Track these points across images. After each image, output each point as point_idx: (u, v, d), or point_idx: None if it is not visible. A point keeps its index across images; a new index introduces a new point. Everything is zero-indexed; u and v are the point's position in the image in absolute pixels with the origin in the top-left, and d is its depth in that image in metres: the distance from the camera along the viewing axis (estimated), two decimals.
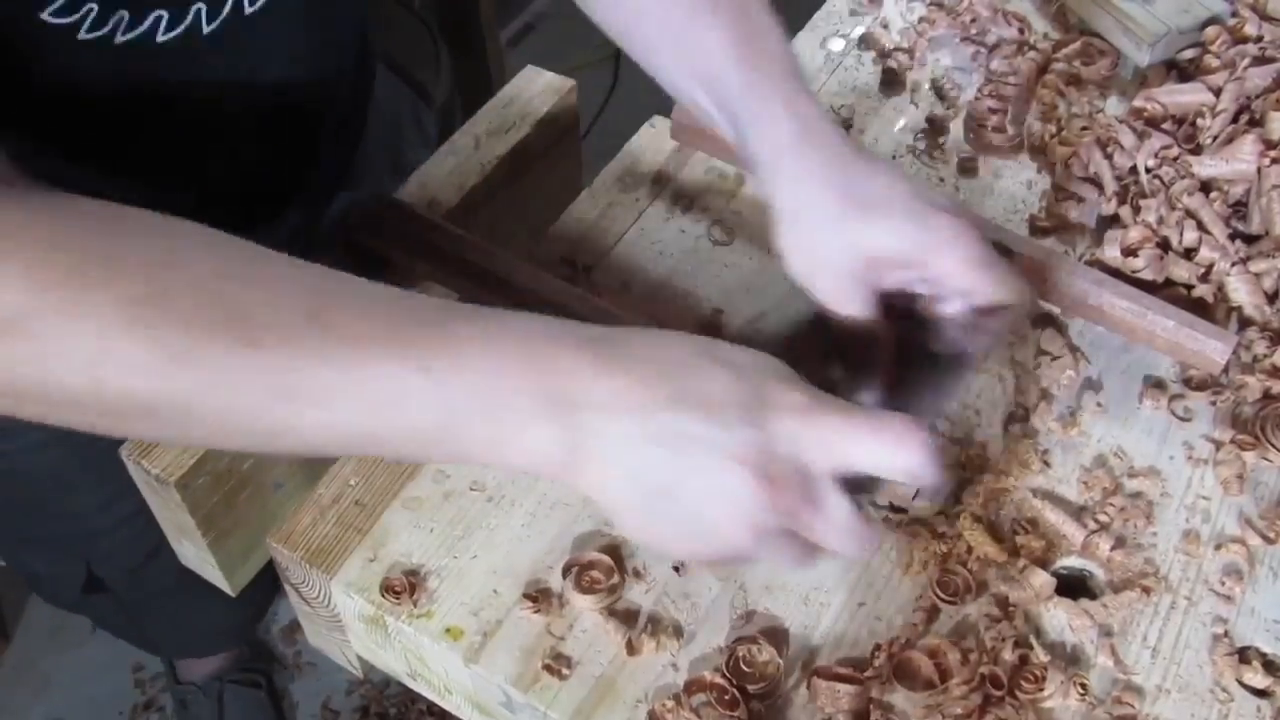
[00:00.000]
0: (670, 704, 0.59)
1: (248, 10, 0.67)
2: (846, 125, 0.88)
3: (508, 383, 0.50)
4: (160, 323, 0.47)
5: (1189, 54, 0.89)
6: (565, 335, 0.52)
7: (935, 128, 0.87)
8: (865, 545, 0.53)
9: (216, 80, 0.70)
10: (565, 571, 0.63)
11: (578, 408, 0.50)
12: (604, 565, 0.63)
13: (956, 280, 0.59)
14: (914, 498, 0.65)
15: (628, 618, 0.62)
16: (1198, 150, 0.81)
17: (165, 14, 0.63)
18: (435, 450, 0.53)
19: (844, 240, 0.60)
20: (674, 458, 0.50)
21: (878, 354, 0.62)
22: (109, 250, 0.48)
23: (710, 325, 0.75)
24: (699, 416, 0.50)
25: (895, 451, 0.51)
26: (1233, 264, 0.75)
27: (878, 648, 0.61)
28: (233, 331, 0.47)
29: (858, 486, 0.53)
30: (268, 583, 0.77)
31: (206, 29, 0.65)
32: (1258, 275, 0.75)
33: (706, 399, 0.50)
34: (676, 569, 0.64)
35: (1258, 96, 0.82)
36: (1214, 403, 0.72)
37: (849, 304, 0.60)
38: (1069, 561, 0.65)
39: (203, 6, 0.64)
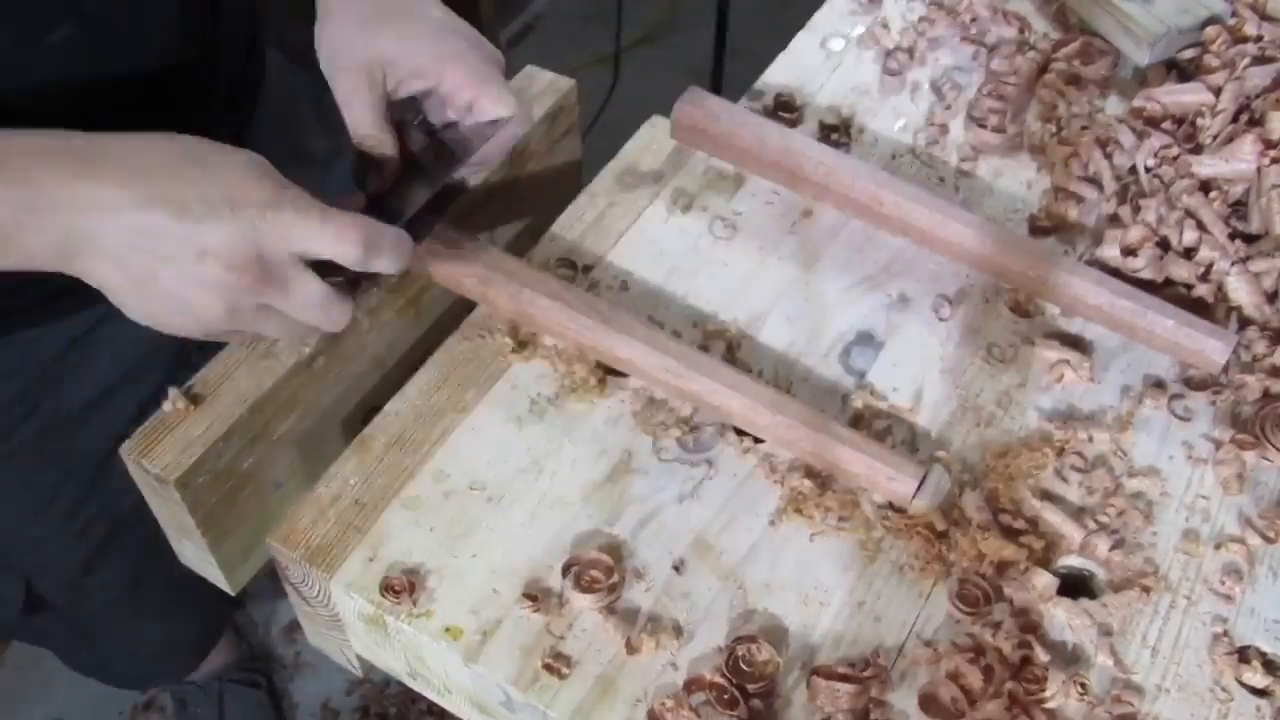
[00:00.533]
0: (670, 703, 0.59)
1: None
2: (846, 125, 0.88)
3: None
4: None
5: (1189, 54, 0.89)
6: (47, 143, 0.59)
7: (935, 128, 0.87)
8: (335, 318, 0.63)
9: (33, 13, 0.68)
10: (565, 570, 0.63)
11: (63, 212, 0.57)
12: (604, 565, 0.63)
13: (461, 92, 0.68)
14: (913, 498, 0.65)
15: (628, 617, 0.62)
16: (1198, 150, 0.81)
17: None
18: None
19: (363, 42, 0.67)
20: (150, 249, 0.58)
21: (383, 162, 0.69)
22: None
23: (710, 327, 0.75)
24: (171, 213, 0.58)
25: (342, 244, 0.60)
26: (1232, 263, 0.75)
27: (875, 655, 0.61)
28: None
29: (334, 272, 0.62)
30: (217, 598, 0.76)
31: None
32: (1257, 275, 0.75)
33: (179, 197, 0.58)
34: (676, 568, 0.64)
35: (1257, 96, 0.82)
36: (1214, 402, 0.72)
37: (359, 103, 0.67)
38: (1069, 561, 0.65)
39: None
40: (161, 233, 0.58)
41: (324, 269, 0.62)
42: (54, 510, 0.97)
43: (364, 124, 0.68)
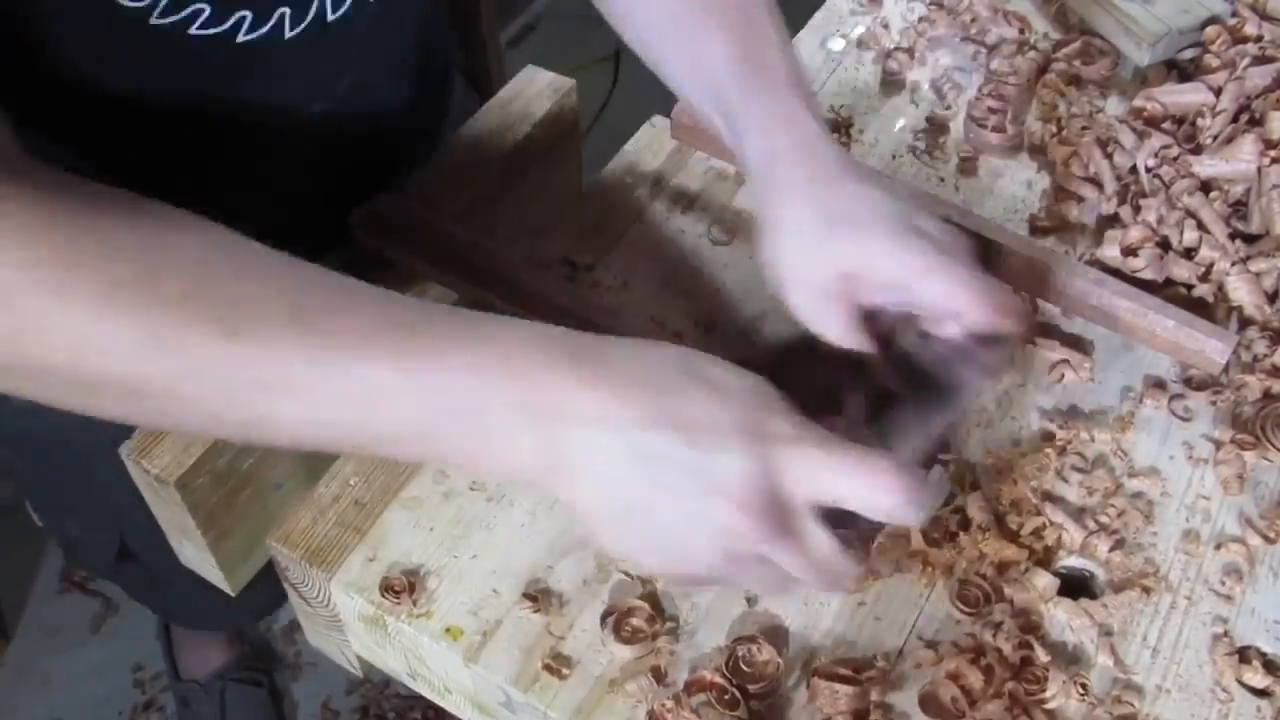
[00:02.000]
0: (670, 704, 0.59)
1: (330, 18, 0.66)
2: (846, 125, 0.88)
3: (487, 390, 0.50)
4: (144, 306, 0.47)
5: (1189, 54, 0.89)
6: (548, 343, 0.51)
7: (935, 128, 0.87)
8: (842, 580, 0.54)
9: (295, 90, 0.70)
10: (604, 620, 0.62)
11: (557, 420, 0.50)
12: (644, 613, 0.62)
13: (943, 303, 0.59)
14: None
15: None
16: (1198, 150, 0.81)
17: (249, 14, 0.63)
18: (411, 451, 0.53)
19: (822, 256, 0.59)
20: (651, 477, 0.50)
21: (861, 379, 0.61)
22: (101, 231, 0.48)
23: (711, 327, 0.75)
24: (679, 439, 0.49)
25: (876, 491, 0.50)
26: (1233, 263, 0.75)
27: (875, 659, 0.61)
28: (215, 320, 0.48)
29: (843, 521, 0.53)
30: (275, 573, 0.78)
31: (289, 34, 0.65)
32: (1258, 275, 0.75)
33: (688, 421, 0.50)
34: None
35: (1258, 96, 0.82)
36: (1214, 403, 0.72)
37: (823, 321, 0.60)
38: (1069, 561, 0.65)
39: (287, 11, 0.64)
40: (667, 459, 0.49)
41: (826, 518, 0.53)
42: None
43: (836, 336, 0.60)
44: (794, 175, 0.61)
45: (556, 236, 0.80)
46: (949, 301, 0.58)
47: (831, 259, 0.59)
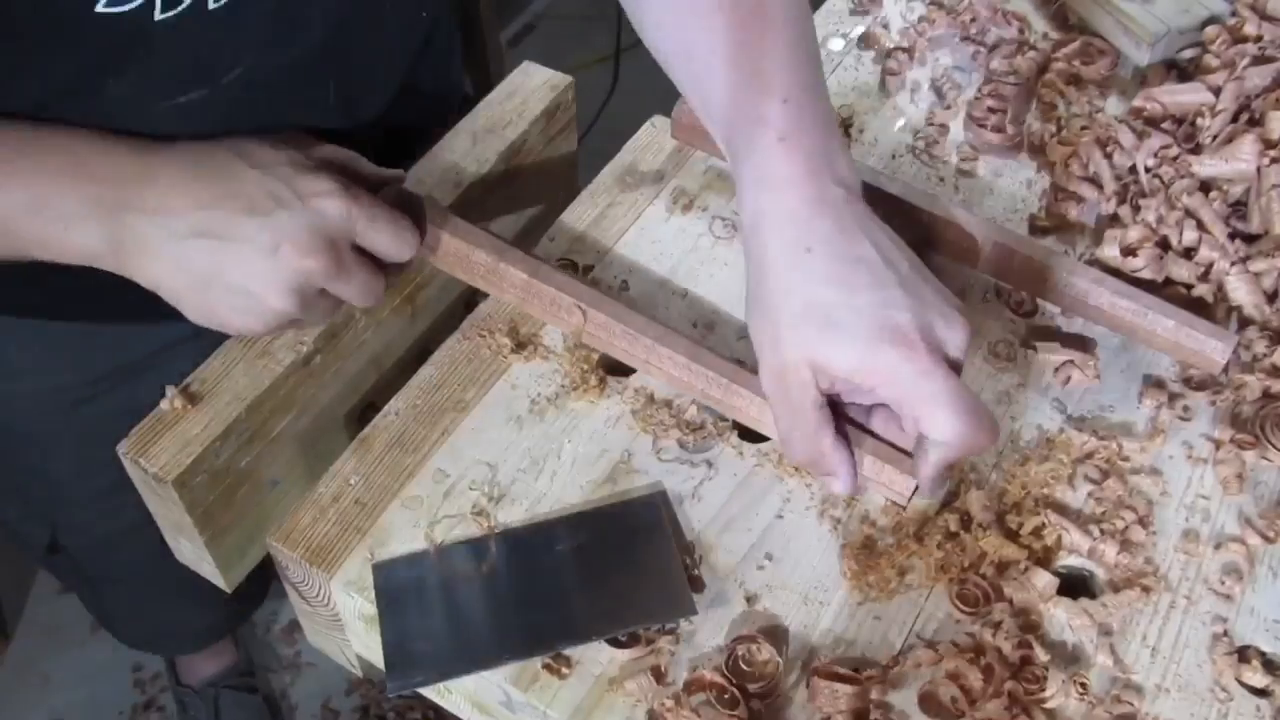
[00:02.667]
0: (670, 704, 0.59)
1: (210, 5, 0.61)
2: (846, 125, 0.88)
3: (54, 187, 0.59)
4: None
5: (1189, 54, 0.89)
6: (112, 145, 0.61)
7: (935, 128, 0.87)
8: (377, 296, 0.66)
9: (171, 72, 0.66)
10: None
11: (122, 209, 0.60)
12: None
13: (898, 407, 0.59)
14: (910, 497, 0.65)
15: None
16: (1198, 150, 0.81)
17: None
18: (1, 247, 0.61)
19: (797, 343, 0.59)
20: (217, 247, 0.60)
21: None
22: None
23: (711, 327, 0.75)
24: (239, 209, 0.60)
25: (396, 242, 0.64)
26: (1232, 263, 0.75)
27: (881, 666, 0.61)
28: None
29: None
30: (227, 602, 0.77)
31: (159, 16, 0.60)
32: (1257, 275, 0.75)
33: (243, 195, 0.61)
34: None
35: (1257, 96, 0.82)
36: (1214, 402, 0.72)
37: (817, 439, 0.60)
38: (1069, 561, 0.65)
39: None
40: (231, 230, 0.60)
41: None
42: (94, 483, 1.00)
43: (823, 453, 0.61)
44: (772, 251, 0.60)
45: (556, 236, 0.80)
46: (905, 408, 0.58)
47: (810, 356, 0.58)
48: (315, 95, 0.71)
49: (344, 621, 0.67)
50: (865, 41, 0.94)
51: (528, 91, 0.85)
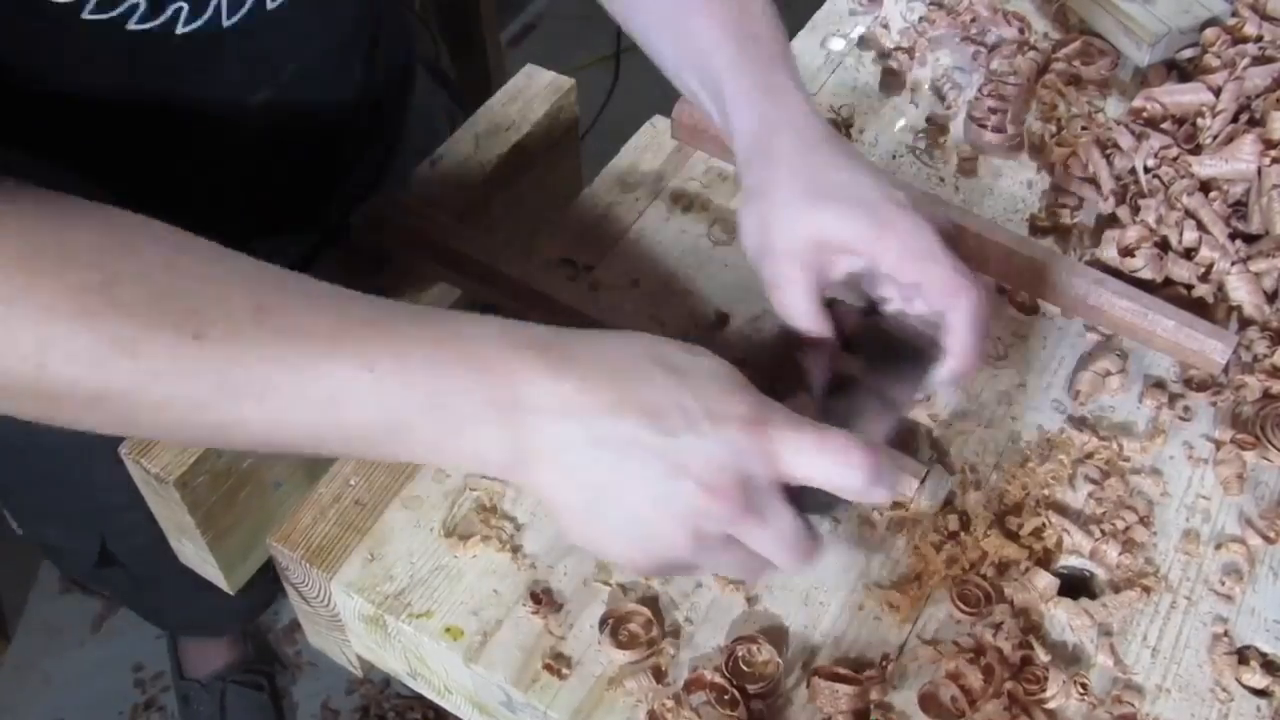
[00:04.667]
0: (670, 704, 0.59)
1: (269, 5, 0.66)
2: (846, 125, 0.88)
3: (451, 384, 0.50)
4: (107, 312, 0.47)
5: (1189, 54, 0.89)
6: (511, 337, 0.52)
7: (935, 128, 0.87)
8: (809, 559, 0.54)
9: (237, 80, 0.69)
10: (602, 624, 0.61)
11: (521, 411, 0.50)
12: (642, 618, 0.62)
13: (903, 273, 0.60)
14: (913, 497, 0.65)
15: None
16: (1198, 150, 0.81)
17: (185, 5, 0.62)
18: (380, 449, 0.53)
19: (794, 221, 0.61)
20: (617, 463, 0.50)
21: (824, 363, 0.62)
22: (61, 238, 0.48)
23: (712, 326, 0.75)
24: (644, 424, 0.50)
25: (839, 468, 0.51)
26: (1233, 263, 0.75)
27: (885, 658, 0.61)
28: (179, 324, 0.47)
29: (815, 503, 0.54)
30: (271, 575, 0.78)
31: (227, 22, 0.64)
32: (1258, 275, 0.75)
33: (651, 405, 0.51)
34: None
35: (1258, 96, 0.82)
36: (1214, 403, 0.72)
37: (790, 292, 0.62)
38: (1070, 561, 0.65)
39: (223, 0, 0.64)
40: (633, 444, 0.50)
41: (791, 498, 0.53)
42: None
43: (797, 314, 0.62)
44: (780, 146, 0.63)
45: (556, 236, 0.80)
46: (908, 270, 0.60)
47: (808, 226, 0.61)
48: (345, 77, 0.73)
49: (344, 621, 0.67)
50: (865, 42, 0.94)
51: (531, 94, 0.86)
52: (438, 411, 0.50)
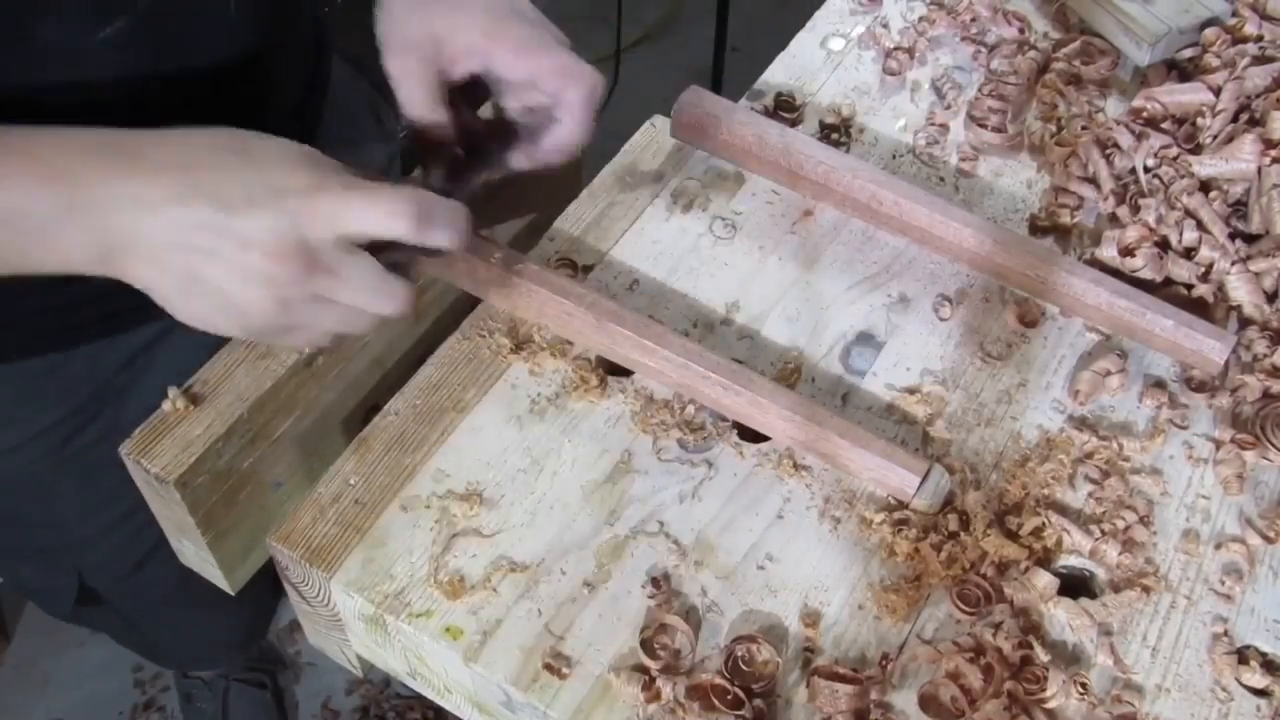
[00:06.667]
0: (670, 704, 0.59)
1: None
2: (846, 125, 0.88)
3: (26, 198, 0.55)
4: None
5: (1189, 54, 0.89)
6: (81, 141, 0.56)
7: (935, 128, 0.87)
8: (399, 302, 0.60)
9: (145, 60, 0.68)
10: (642, 641, 0.61)
11: (101, 211, 0.56)
12: (683, 635, 0.62)
13: (516, 69, 0.65)
14: (913, 496, 0.65)
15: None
16: (1198, 150, 0.81)
17: None
18: None
19: (416, 21, 0.65)
20: (195, 246, 0.56)
21: (440, 145, 0.67)
22: None
23: (711, 327, 0.75)
24: (212, 207, 0.55)
25: (387, 218, 0.57)
26: (1232, 263, 0.75)
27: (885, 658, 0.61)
28: None
29: (391, 262, 0.59)
30: (267, 593, 0.77)
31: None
32: (1257, 275, 0.75)
33: (217, 189, 0.56)
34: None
35: (1258, 96, 0.82)
36: (1214, 403, 0.72)
37: (410, 83, 0.65)
38: (1070, 561, 0.65)
39: None
40: (202, 226, 0.55)
41: (380, 253, 0.59)
42: (110, 512, 0.98)
43: (415, 103, 0.66)
44: None
45: (556, 236, 0.80)
46: (521, 65, 0.65)
47: (424, 24, 0.65)
48: (218, 11, 0.72)
49: (344, 621, 0.67)
50: (865, 41, 0.94)
51: None
52: (20, 221, 0.55)
